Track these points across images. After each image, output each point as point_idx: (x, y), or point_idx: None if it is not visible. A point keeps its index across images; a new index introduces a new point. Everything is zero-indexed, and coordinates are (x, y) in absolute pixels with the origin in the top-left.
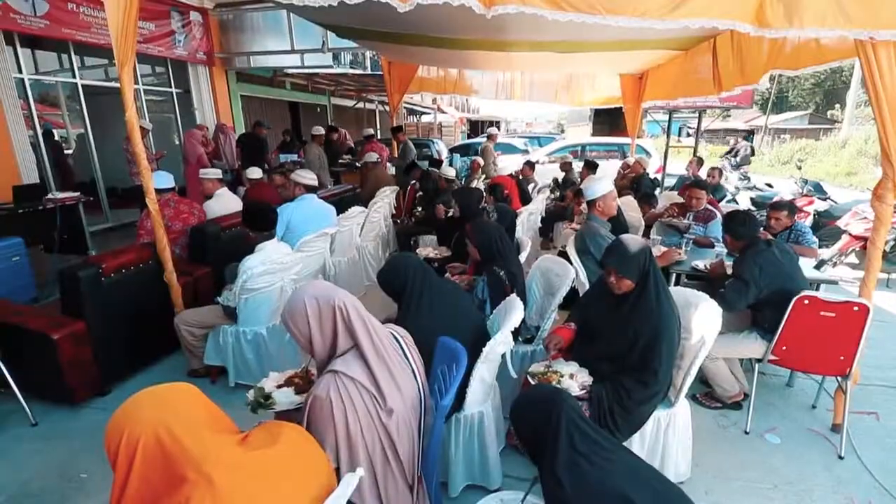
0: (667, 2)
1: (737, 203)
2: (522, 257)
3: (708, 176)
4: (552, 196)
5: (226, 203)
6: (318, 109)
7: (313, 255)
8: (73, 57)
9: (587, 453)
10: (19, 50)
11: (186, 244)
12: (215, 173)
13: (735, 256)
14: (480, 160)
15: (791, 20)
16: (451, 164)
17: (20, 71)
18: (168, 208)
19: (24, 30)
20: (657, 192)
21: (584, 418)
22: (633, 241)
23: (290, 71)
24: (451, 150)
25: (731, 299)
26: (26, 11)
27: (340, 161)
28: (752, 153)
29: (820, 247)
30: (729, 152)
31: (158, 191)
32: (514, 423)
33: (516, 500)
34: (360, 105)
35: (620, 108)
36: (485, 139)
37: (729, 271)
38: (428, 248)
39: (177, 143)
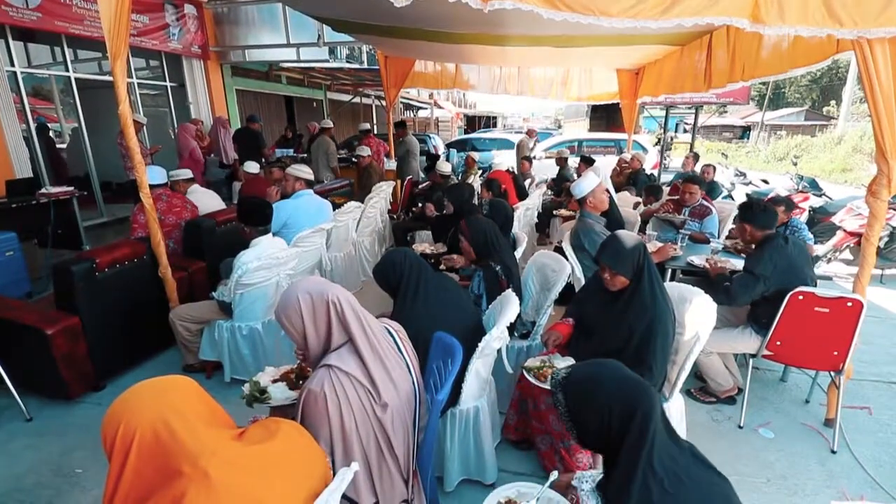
0: (659, 2)
1: (733, 199)
2: (519, 252)
3: (702, 172)
4: (548, 191)
5: (199, 199)
6: (314, 104)
7: (309, 251)
8: (66, 50)
9: (662, 474)
10: (11, 43)
11: (180, 237)
12: (185, 174)
13: (732, 253)
14: (475, 155)
15: (784, 18)
16: (447, 160)
17: (12, 64)
18: (160, 202)
19: (17, 22)
20: None
21: (668, 424)
22: (627, 237)
23: (285, 65)
24: (448, 146)
25: (737, 293)
26: (18, 4)
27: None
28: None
29: (815, 243)
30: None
31: (150, 186)
32: (575, 394)
33: (531, 493)
34: (357, 100)
35: (617, 104)
36: (523, 135)
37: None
38: (424, 243)
39: (172, 137)
